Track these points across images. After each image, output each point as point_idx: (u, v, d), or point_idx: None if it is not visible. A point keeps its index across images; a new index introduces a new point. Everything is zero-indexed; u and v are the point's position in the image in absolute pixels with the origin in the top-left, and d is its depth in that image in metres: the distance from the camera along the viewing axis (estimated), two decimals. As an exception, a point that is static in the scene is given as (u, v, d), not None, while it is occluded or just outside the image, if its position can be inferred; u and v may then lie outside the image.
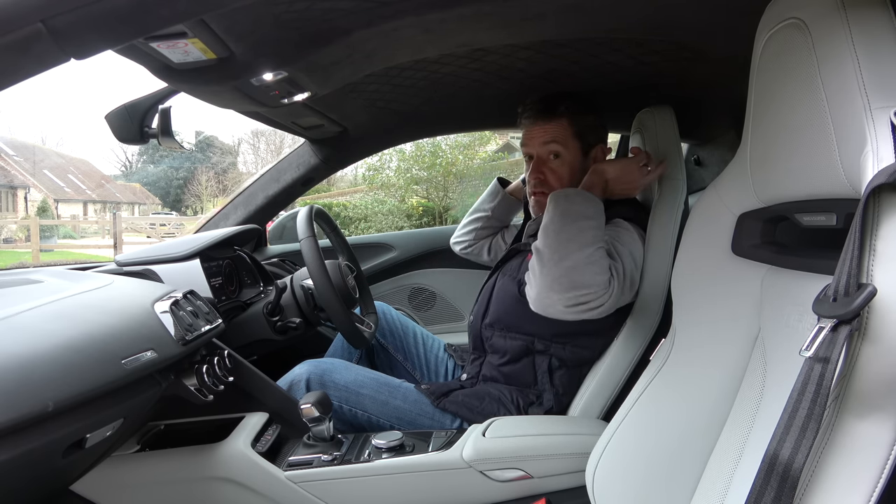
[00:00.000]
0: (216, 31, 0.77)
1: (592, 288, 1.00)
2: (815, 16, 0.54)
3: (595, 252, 1.02)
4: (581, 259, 1.01)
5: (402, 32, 0.90)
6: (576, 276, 1.00)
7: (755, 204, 0.69)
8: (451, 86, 1.36)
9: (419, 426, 1.22)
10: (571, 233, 1.04)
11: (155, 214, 21.64)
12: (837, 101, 0.51)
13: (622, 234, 1.15)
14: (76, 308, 0.86)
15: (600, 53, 1.17)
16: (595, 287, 1.00)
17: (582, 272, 1.00)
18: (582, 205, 1.09)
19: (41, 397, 0.67)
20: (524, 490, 1.08)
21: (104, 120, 1.10)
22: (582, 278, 1.00)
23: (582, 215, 1.06)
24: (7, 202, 21.32)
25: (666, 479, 0.75)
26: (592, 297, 1.00)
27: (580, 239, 1.03)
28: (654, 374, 0.83)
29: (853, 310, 0.43)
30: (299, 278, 1.46)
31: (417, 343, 1.59)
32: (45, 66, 0.55)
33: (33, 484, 0.77)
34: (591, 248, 1.02)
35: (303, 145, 1.76)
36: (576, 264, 1.00)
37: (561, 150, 1.23)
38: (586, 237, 1.03)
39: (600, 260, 1.02)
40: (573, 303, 1.00)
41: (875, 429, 0.45)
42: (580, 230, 1.04)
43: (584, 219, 1.06)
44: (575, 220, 1.05)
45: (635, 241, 1.16)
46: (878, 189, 0.44)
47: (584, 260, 1.01)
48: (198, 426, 1.16)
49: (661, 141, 1.26)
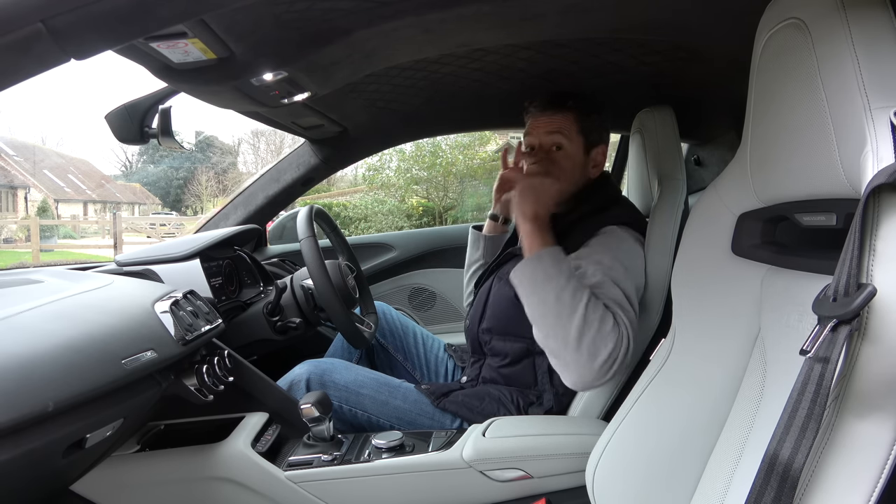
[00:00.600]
0: (216, 31, 0.77)
1: (609, 346, 0.95)
2: (815, 16, 0.54)
3: (585, 311, 0.96)
4: (580, 326, 0.95)
5: (402, 32, 0.90)
6: (589, 345, 0.95)
7: (755, 204, 0.69)
8: (451, 86, 1.36)
9: (419, 426, 1.22)
10: (551, 308, 0.97)
11: (155, 214, 21.64)
12: (837, 101, 0.51)
13: (615, 244, 1.11)
14: (76, 308, 0.86)
15: (600, 53, 1.17)
16: (611, 344, 0.95)
17: (592, 335, 0.95)
18: (538, 269, 1.01)
19: (41, 397, 0.67)
20: (524, 490, 1.08)
21: (104, 120, 1.10)
22: (594, 342, 0.95)
23: (547, 281, 0.99)
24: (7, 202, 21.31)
25: (666, 479, 0.75)
26: (616, 351, 0.95)
27: (563, 310, 0.96)
28: (654, 373, 0.83)
29: (853, 310, 0.43)
30: (299, 278, 1.46)
31: (417, 343, 1.59)
32: (45, 66, 0.55)
33: (33, 484, 0.77)
34: (580, 310, 0.96)
35: (303, 145, 1.76)
36: (580, 333, 0.95)
37: (564, 143, 1.21)
38: (565, 303, 0.96)
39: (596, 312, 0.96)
40: (606, 368, 0.95)
41: (875, 429, 0.45)
42: (556, 298, 0.97)
43: (547, 283, 0.99)
44: (544, 294, 0.99)
45: (632, 247, 1.12)
46: (878, 189, 0.44)
47: (583, 324, 0.95)
48: (198, 426, 1.16)
49: (661, 141, 1.26)
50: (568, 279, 0.99)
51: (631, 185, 1.54)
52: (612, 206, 1.23)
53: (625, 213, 1.21)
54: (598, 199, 1.23)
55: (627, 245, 1.13)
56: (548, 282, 0.99)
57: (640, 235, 1.17)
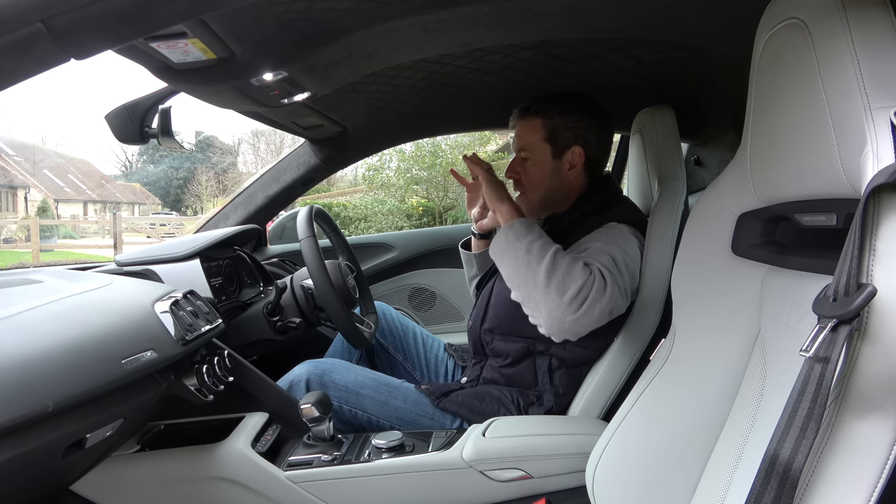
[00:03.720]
0: (216, 31, 0.77)
1: (578, 281, 0.99)
2: (815, 16, 0.54)
3: (554, 257, 1.02)
4: (549, 268, 1.00)
5: (402, 32, 0.90)
6: (559, 282, 0.99)
7: (755, 204, 0.69)
8: (451, 86, 1.36)
9: (419, 426, 1.22)
10: (522, 260, 1.03)
11: (155, 214, 21.65)
12: (837, 101, 0.51)
13: (614, 234, 1.14)
14: (76, 308, 0.86)
15: (600, 53, 1.17)
16: (580, 280, 0.99)
17: (561, 274, 0.99)
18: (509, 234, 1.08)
19: (41, 397, 0.67)
20: (524, 490, 1.08)
21: (104, 120, 1.10)
22: (564, 280, 0.99)
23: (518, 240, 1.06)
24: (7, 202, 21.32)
25: (666, 479, 0.75)
26: (586, 288, 0.99)
27: (532, 258, 1.02)
28: (654, 373, 0.83)
29: (853, 310, 0.43)
30: (299, 278, 1.46)
31: (417, 343, 1.59)
32: (45, 66, 0.55)
33: (33, 484, 0.77)
34: (549, 255, 1.01)
35: (303, 145, 1.76)
36: (549, 274, 1.00)
37: (529, 154, 1.23)
38: (534, 253, 1.03)
39: (565, 258, 1.02)
40: (577, 304, 0.98)
41: (875, 429, 0.45)
42: (527, 251, 1.03)
43: (518, 241, 1.05)
44: (516, 252, 1.05)
45: (629, 239, 1.14)
46: (878, 189, 0.44)
47: (552, 266, 1.00)
48: (198, 426, 1.16)
49: (661, 141, 1.26)
50: (539, 236, 1.06)
51: (631, 185, 1.54)
52: (613, 206, 1.23)
53: (626, 211, 1.21)
54: (599, 199, 1.24)
55: (626, 238, 1.14)
56: (518, 240, 1.06)
57: (641, 234, 1.17)
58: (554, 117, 1.22)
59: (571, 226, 1.21)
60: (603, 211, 1.20)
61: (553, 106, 1.22)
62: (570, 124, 1.22)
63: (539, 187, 1.24)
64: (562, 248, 1.05)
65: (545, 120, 1.22)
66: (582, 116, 1.23)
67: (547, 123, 1.22)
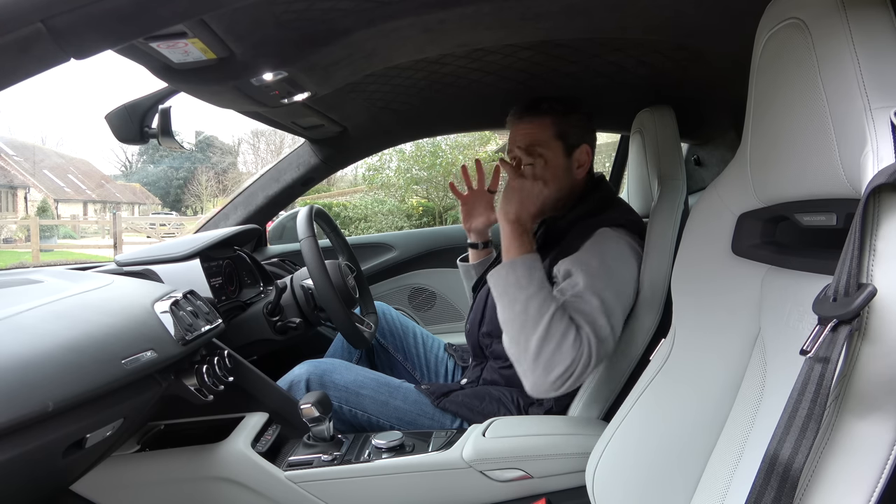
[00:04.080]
0: (216, 31, 0.77)
1: (566, 362, 0.97)
2: (815, 16, 0.54)
3: (549, 325, 0.98)
4: (541, 339, 0.98)
5: (402, 32, 0.90)
6: (547, 359, 0.98)
7: (755, 204, 0.69)
8: (451, 86, 1.36)
9: (419, 426, 1.22)
10: (518, 317, 1.01)
11: (155, 214, 21.66)
12: (837, 101, 0.51)
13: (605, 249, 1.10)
14: (76, 308, 0.86)
15: (600, 53, 1.17)
16: (569, 360, 0.98)
17: (551, 350, 0.98)
18: (510, 275, 1.04)
19: (41, 397, 0.67)
20: (524, 490, 1.08)
21: (104, 120, 1.10)
22: (553, 357, 0.97)
23: (518, 289, 1.02)
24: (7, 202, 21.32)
25: (666, 479, 0.75)
26: (572, 367, 0.98)
27: (528, 320, 0.99)
28: (654, 374, 0.83)
29: (853, 310, 0.43)
30: (299, 278, 1.46)
31: (417, 343, 1.59)
32: (45, 66, 0.55)
33: (33, 484, 0.77)
34: (544, 323, 0.98)
35: (303, 145, 1.76)
36: (540, 346, 0.98)
37: (542, 151, 1.21)
38: (531, 315, 0.99)
39: (559, 326, 0.99)
40: (560, 383, 0.98)
41: (875, 429, 0.45)
42: (523, 309, 1.00)
43: (518, 291, 1.02)
44: (512, 302, 1.02)
45: (622, 250, 1.12)
46: (878, 189, 0.44)
47: (545, 338, 0.98)
48: (198, 426, 1.16)
49: (661, 141, 1.26)
50: (538, 289, 1.01)
51: (631, 185, 1.54)
52: (607, 208, 1.22)
53: (619, 215, 1.20)
54: (592, 202, 1.23)
55: (619, 249, 1.12)
56: (518, 290, 1.02)
57: (636, 238, 1.16)
58: (563, 116, 1.22)
59: (566, 230, 1.21)
60: (598, 214, 1.20)
61: (560, 105, 1.22)
62: (575, 123, 1.23)
63: (552, 185, 1.21)
64: (559, 308, 1.00)
65: (555, 118, 1.21)
66: (582, 117, 1.25)
67: (557, 121, 1.21)
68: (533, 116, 1.22)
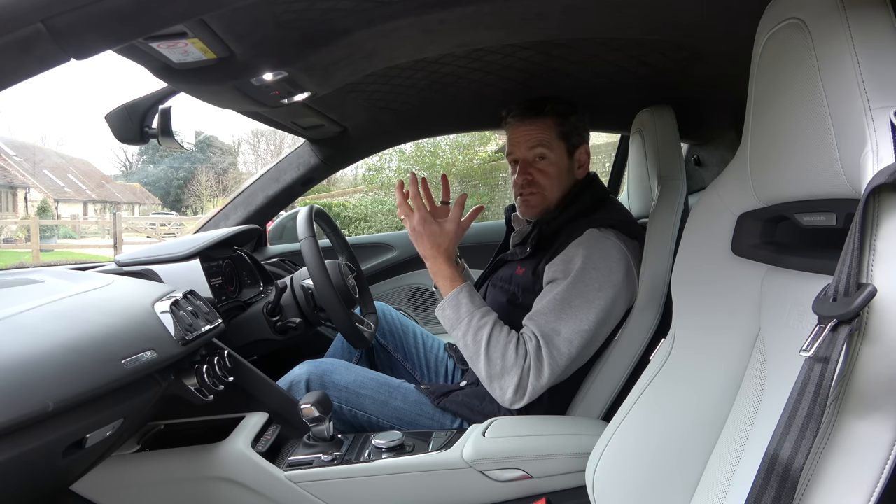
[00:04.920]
0: (216, 31, 0.77)
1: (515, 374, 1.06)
2: (815, 16, 0.54)
3: (486, 350, 1.08)
4: (486, 365, 1.08)
5: (402, 32, 0.90)
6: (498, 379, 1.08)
7: (755, 204, 0.69)
8: (451, 86, 1.36)
9: (419, 426, 1.22)
10: (465, 350, 1.11)
11: (155, 214, 21.67)
12: (837, 101, 0.51)
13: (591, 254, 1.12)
14: (76, 308, 0.86)
15: (600, 53, 1.17)
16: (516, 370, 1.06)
17: (498, 371, 1.07)
18: (447, 311, 1.14)
19: (41, 397, 0.67)
20: (524, 490, 1.08)
21: (104, 120, 1.10)
22: (502, 377, 1.07)
23: (453, 322, 1.13)
24: (7, 202, 21.33)
25: (666, 479, 0.75)
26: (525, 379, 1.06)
27: (470, 352, 1.10)
28: (654, 373, 0.83)
29: (853, 310, 0.43)
30: (299, 278, 1.46)
31: (417, 343, 1.59)
32: (45, 66, 0.55)
33: (33, 484, 0.77)
34: (482, 352, 1.08)
35: (303, 145, 1.76)
36: (488, 371, 1.08)
37: (547, 153, 1.22)
38: (470, 347, 1.10)
39: (497, 346, 1.08)
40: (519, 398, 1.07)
41: (875, 429, 0.45)
42: (464, 345, 1.11)
43: (454, 328, 1.13)
44: (458, 335, 1.12)
45: (610, 252, 1.12)
46: (878, 189, 0.44)
47: (487, 363, 1.08)
48: (198, 426, 1.16)
49: (661, 141, 1.26)
50: (469, 318, 1.11)
51: (631, 185, 1.54)
52: (599, 208, 1.23)
53: (610, 215, 1.20)
54: (584, 202, 1.23)
55: (606, 250, 1.13)
56: (454, 329, 1.13)
57: (627, 238, 1.16)
58: (565, 117, 1.23)
59: (559, 229, 1.21)
60: (589, 214, 1.20)
61: (561, 106, 1.23)
62: (575, 123, 1.24)
63: (558, 185, 1.23)
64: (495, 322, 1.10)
65: (558, 118, 1.22)
66: (581, 117, 1.26)
67: (559, 122, 1.22)
68: (536, 117, 1.23)
